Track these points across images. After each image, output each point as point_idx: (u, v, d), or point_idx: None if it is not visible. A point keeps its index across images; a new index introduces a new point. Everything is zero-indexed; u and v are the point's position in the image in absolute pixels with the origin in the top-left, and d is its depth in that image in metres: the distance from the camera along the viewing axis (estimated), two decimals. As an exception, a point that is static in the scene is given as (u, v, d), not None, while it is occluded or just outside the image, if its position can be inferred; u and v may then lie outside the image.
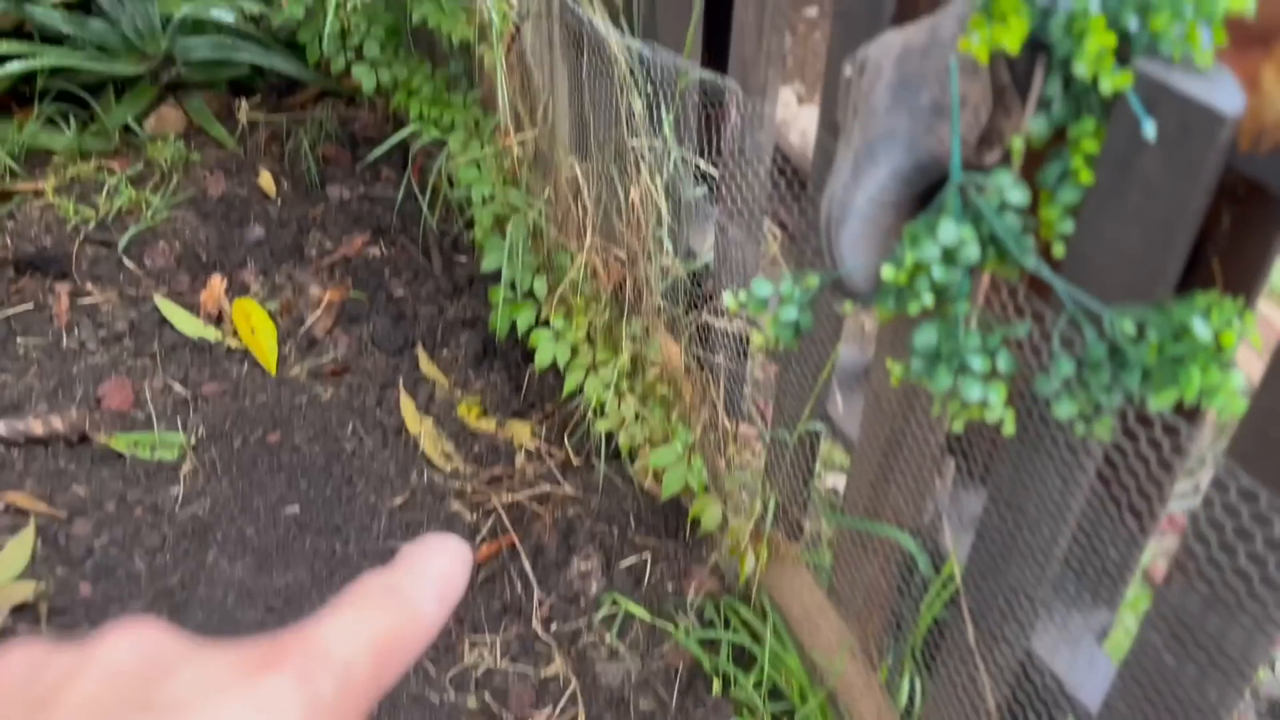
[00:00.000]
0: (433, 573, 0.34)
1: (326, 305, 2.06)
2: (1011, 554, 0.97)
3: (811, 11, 3.29)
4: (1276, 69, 0.56)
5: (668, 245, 1.49)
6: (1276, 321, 1.76)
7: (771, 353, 1.44)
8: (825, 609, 1.37)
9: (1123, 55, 0.76)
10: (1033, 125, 0.83)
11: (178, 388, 1.88)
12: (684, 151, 1.40)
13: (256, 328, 1.98)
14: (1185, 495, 1.38)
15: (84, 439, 1.76)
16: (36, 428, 1.74)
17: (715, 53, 1.39)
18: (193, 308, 2.04)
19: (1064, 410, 0.83)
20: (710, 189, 1.43)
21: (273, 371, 1.93)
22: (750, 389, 1.53)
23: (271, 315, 2.02)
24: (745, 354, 1.45)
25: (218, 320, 2.02)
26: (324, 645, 0.30)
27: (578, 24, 1.51)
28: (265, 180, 2.38)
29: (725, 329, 1.45)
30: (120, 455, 1.75)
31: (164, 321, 2.00)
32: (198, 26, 2.50)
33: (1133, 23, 0.76)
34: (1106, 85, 0.75)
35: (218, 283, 2.08)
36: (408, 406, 1.87)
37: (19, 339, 1.94)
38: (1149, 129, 0.73)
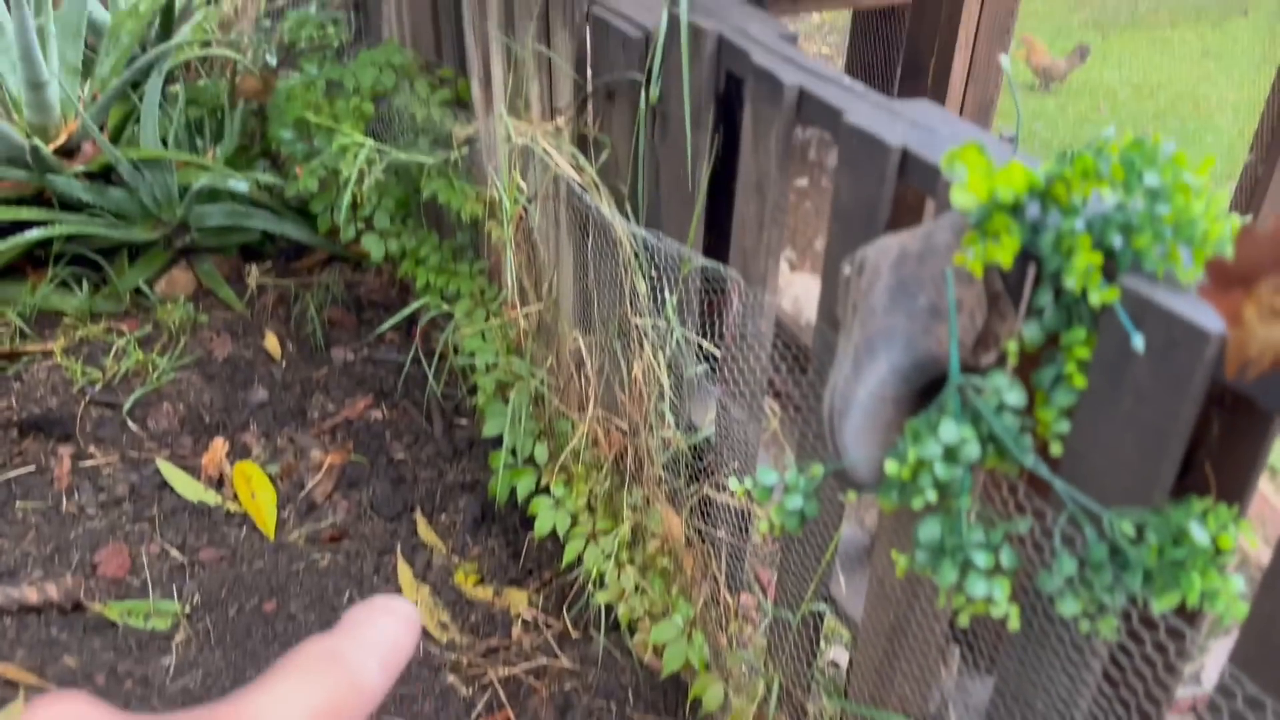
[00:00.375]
0: (377, 638, 0.32)
1: (327, 469, 2.08)
2: (1021, 749, 0.96)
3: (801, 182, 3.43)
4: (1257, 307, 0.60)
5: (669, 418, 1.52)
6: (1278, 503, 1.78)
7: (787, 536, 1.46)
8: (831, 796, 1.34)
9: (1109, 270, 0.81)
10: (1026, 331, 0.87)
11: (175, 553, 1.87)
12: (686, 331, 1.45)
13: (257, 491, 1.99)
14: (1185, 681, 1.37)
15: (78, 607, 1.74)
16: (31, 596, 1.72)
17: (716, 238, 1.46)
18: (194, 470, 2.05)
19: (1068, 608, 0.84)
20: (711, 366, 1.47)
21: (271, 536, 1.92)
22: (750, 560, 1.53)
23: (272, 479, 2.03)
24: (747, 529, 1.46)
25: (219, 483, 2.03)
26: (257, 716, 0.28)
27: (584, 208, 1.58)
28: (271, 343, 2.42)
29: (727, 503, 1.47)
30: (113, 624, 1.73)
31: (165, 485, 2.00)
32: (212, 195, 2.60)
33: (1117, 241, 0.81)
34: (1095, 299, 0.80)
35: (220, 445, 2.10)
36: (405, 574, 1.86)
37: (18, 503, 1.94)
38: (1138, 342, 0.77)
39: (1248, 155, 2.53)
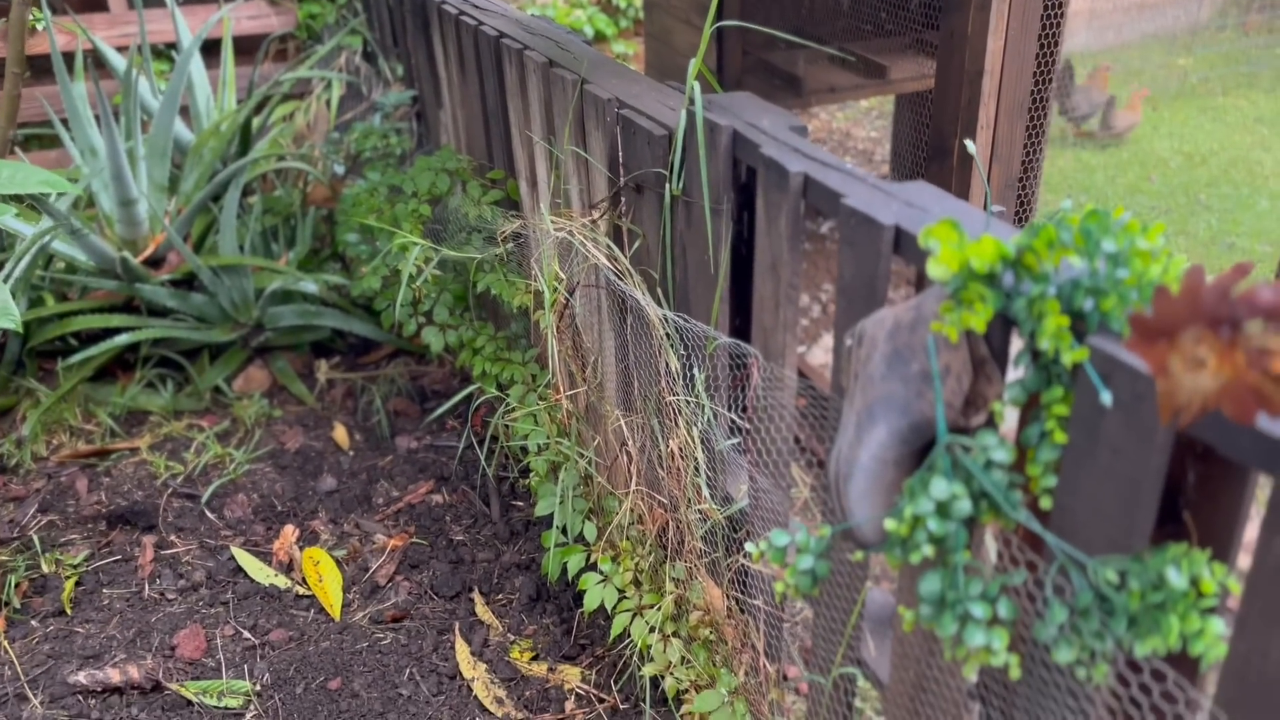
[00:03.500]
0: None
1: (390, 552, 2.17)
2: (1037, 801, 0.99)
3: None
4: (1181, 358, 0.65)
5: (705, 492, 1.58)
6: None
7: (805, 597, 1.50)
8: None
9: (1080, 331, 0.87)
10: (1009, 392, 0.93)
11: (247, 635, 1.97)
12: (716, 406, 1.52)
13: (324, 575, 2.09)
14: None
15: (157, 687, 1.84)
16: (114, 677, 1.83)
17: (743, 319, 1.54)
18: (266, 556, 2.16)
19: (1063, 655, 0.88)
20: (740, 440, 1.53)
21: (337, 617, 2.01)
22: (789, 630, 1.56)
23: (338, 562, 2.13)
24: (783, 599, 1.50)
25: (288, 568, 2.14)
26: None
27: (621, 294, 1.68)
28: (339, 434, 2.55)
29: (762, 572, 1.51)
30: (190, 702, 1.82)
31: (239, 570, 2.12)
32: (286, 296, 2.77)
33: (1086, 304, 0.87)
34: (1067, 359, 0.85)
35: (290, 532, 2.21)
36: (463, 652, 1.92)
37: (105, 590, 2.07)
38: (1106, 398, 0.82)
39: (1291, 218, 2.54)
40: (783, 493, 1.40)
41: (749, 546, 1.11)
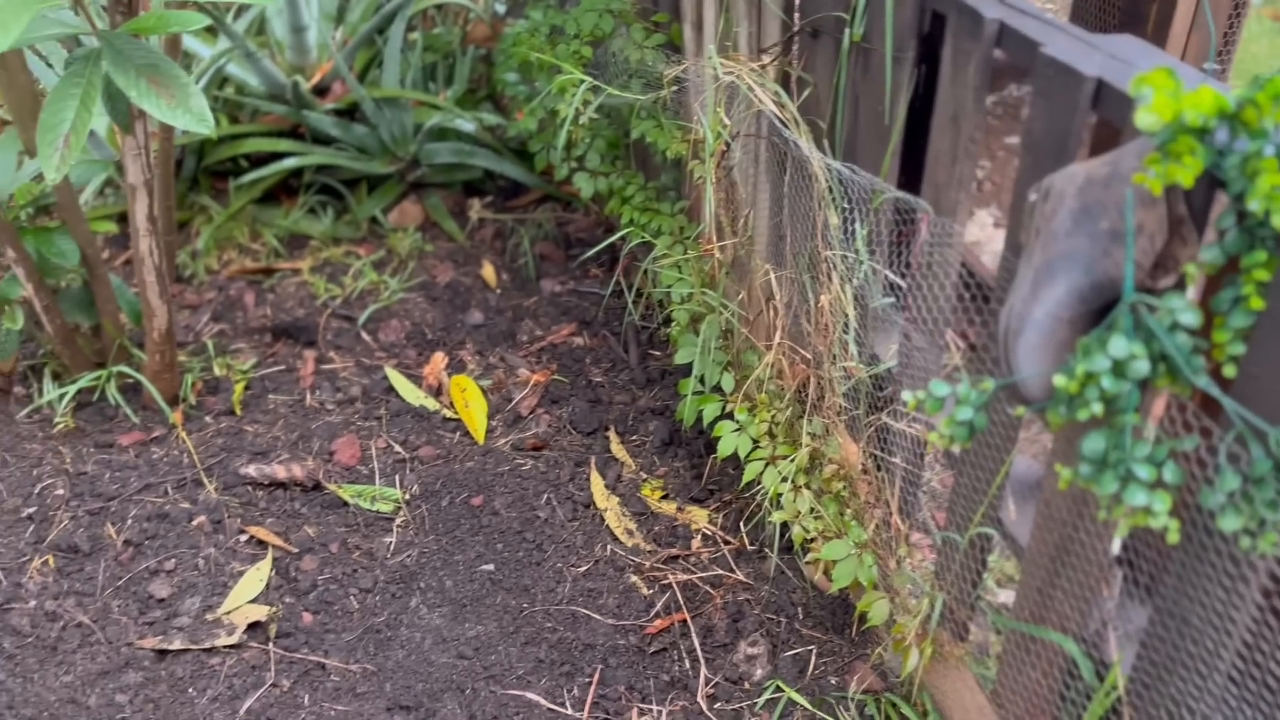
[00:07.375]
0: None
1: (533, 386, 2.25)
2: (1175, 666, 1.00)
3: (1013, 139, 3.36)
4: None
5: (853, 349, 1.59)
6: None
7: (948, 457, 1.50)
8: (986, 711, 1.39)
9: (1295, 194, 0.83)
10: (1206, 254, 0.90)
11: (398, 448, 2.09)
12: (875, 263, 1.51)
13: (470, 401, 2.19)
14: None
15: (317, 486, 1.99)
16: (279, 473, 1.99)
17: (910, 175, 1.50)
18: (416, 379, 2.28)
19: (1229, 523, 0.87)
20: (897, 298, 1.52)
21: (481, 441, 2.12)
22: (924, 498, 1.58)
23: (484, 391, 2.23)
24: (922, 458, 1.51)
25: (437, 392, 2.25)
26: None
27: (784, 144, 1.66)
28: (488, 272, 2.63)
29: (904, 431, 1.52)
30: (345, 503, 1.96)
31: (391, 389, 2.24)
32: (441, 134, 2.82)
33: (1305, 165, 0.82)
34: (1277, 221, 0.82)
35: (440, 359, 2.31)
36: (597, 484, 2.01)
37: (270, 396, 2.22)
38: (1316, 262, 0.79)
39: None
40: (937, 351, 1.40)
41: (905, 395, 1.12)
